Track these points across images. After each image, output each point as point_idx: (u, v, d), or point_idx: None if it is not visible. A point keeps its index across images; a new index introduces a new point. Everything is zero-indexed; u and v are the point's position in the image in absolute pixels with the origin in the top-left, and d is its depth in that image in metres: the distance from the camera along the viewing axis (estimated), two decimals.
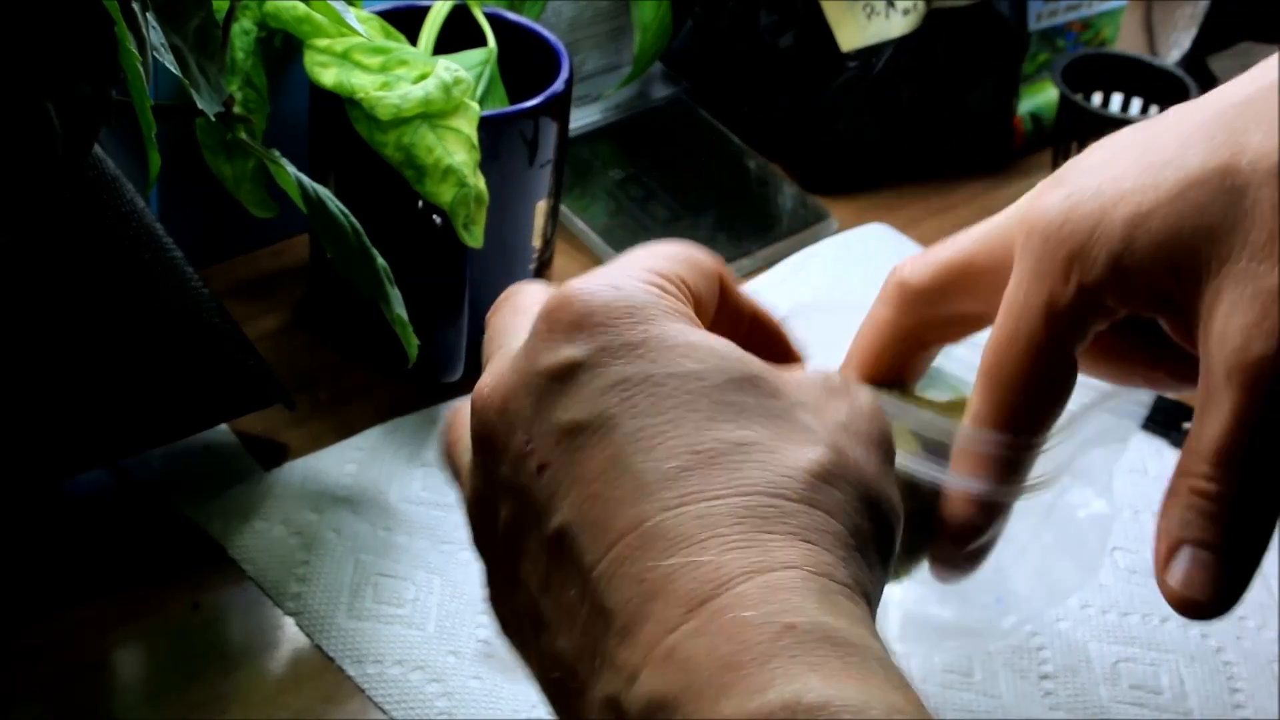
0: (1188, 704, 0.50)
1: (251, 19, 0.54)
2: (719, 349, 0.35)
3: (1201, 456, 0.37)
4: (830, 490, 0.34)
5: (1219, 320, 0.37)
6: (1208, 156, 0.38)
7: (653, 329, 0.35)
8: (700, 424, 0.33)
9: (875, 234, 0.70)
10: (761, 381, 0.35)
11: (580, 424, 0.34)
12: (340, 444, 0.55)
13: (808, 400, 0.35)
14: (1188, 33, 0.86)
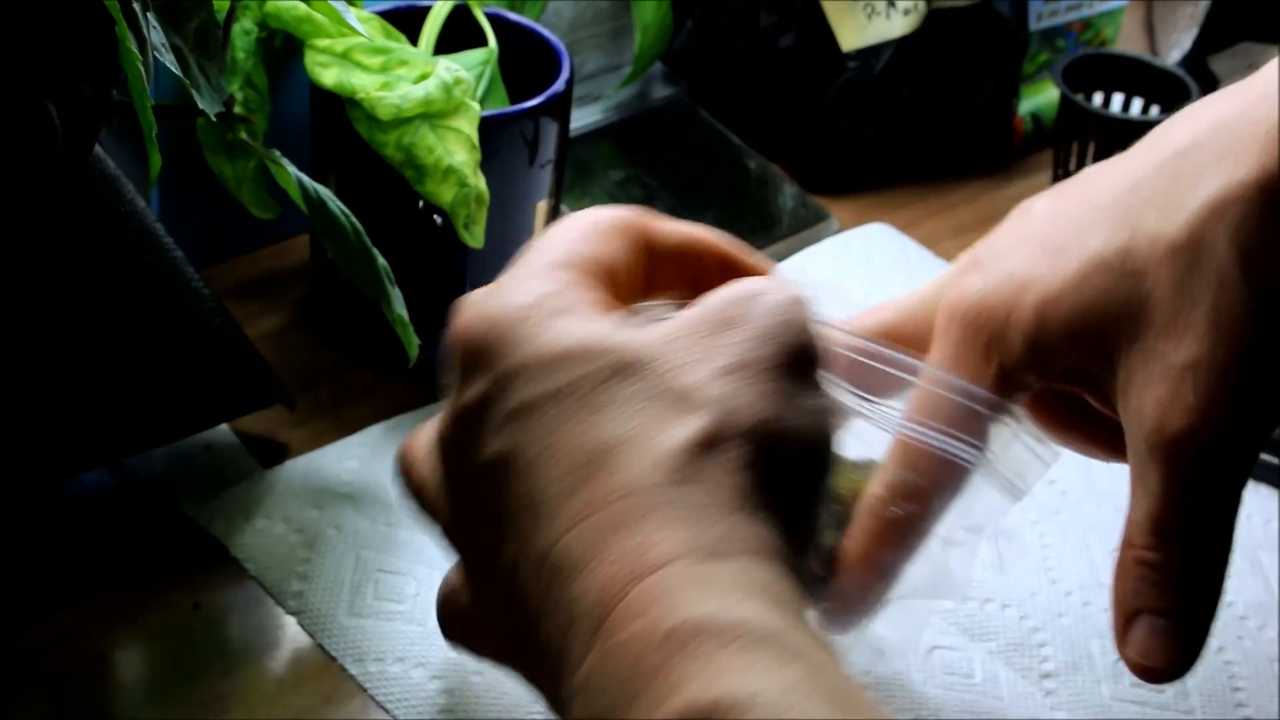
0: (1189, 703, 0.50)
1: (252, 19, 0.54)
2: (592, 347, 0.35)
3: (1140, 529, 0.39)
4: (713, 456, 0.34)
5: (1134, 398, 0.39)
6: (1108, 239, 0.39)
7: (531, 348, 0.35)
8: (582, 434, 0.34)
9: (876, 234, 0.70)
10: (634, 366, 0.35)
11: (493, 462, 0.35)
12: (341, 441, 0.55)
13: (688, 357, 0.35)
14: (1189, 33, 0.86)
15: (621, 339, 0.35)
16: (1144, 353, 0.38)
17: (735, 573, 0.32)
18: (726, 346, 0.35)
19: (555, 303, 0.36)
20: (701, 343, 0.35)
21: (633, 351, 0.35)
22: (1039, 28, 0.78)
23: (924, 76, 0.73)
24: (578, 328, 0.35)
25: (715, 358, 0.35)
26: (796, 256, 0.67)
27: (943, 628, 0.51)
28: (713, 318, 0.36)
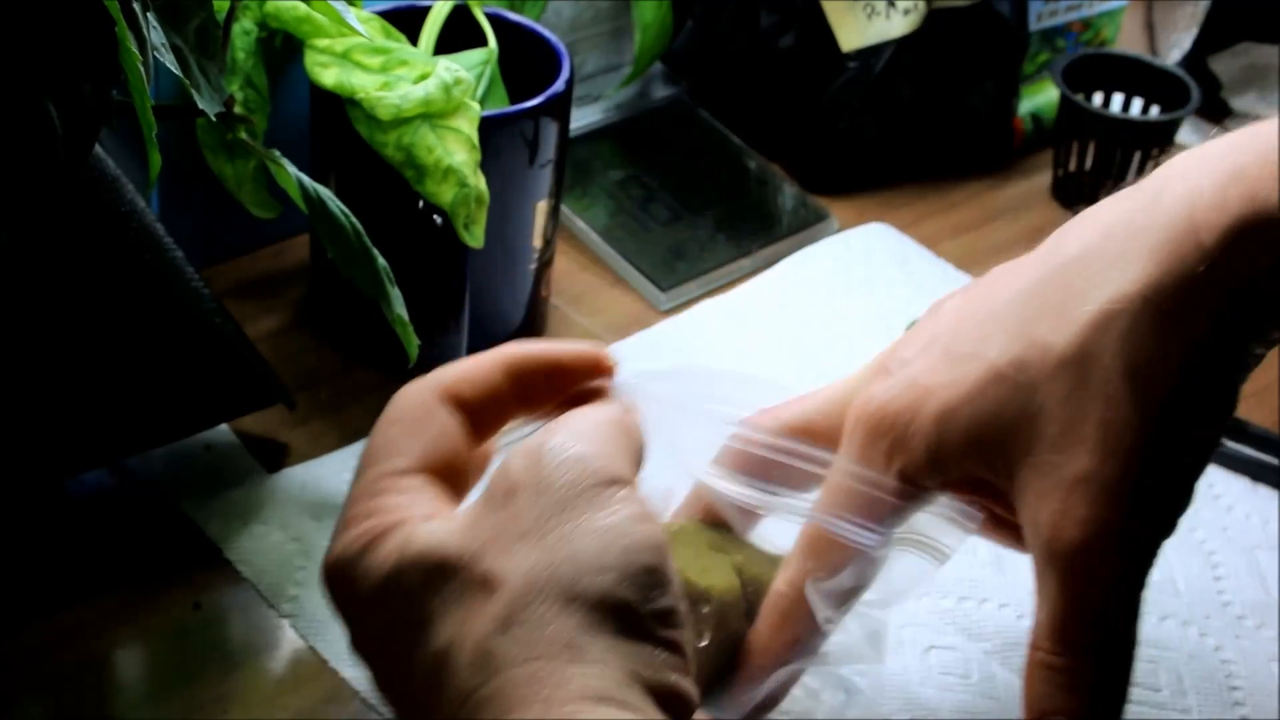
0: (1186, 701, 0.50)
1: (252, 19, 0.54)
2: (399, 565, 0.35)
3: (1043, 633, 0.40)
4: (513, 634, 0.34)
5: (1030, 509, 0.40)
6: (1003, 350, 0.40)
7: (356, 591, 0.36)
8: (420, 656, 0.34)
9: (875, 234, 0.70)
10: (442, 566, 0.35)
11: (380, 687, 0.36)
12: (341, 450, 0.55)
13: (482, 539, 0.35)
14: (1189, 33, 0.86)
15: (422, 544, 0.35)
16: (1037, 465, 0.39)
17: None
18: (512, 517, 0.35)
19: (367, 535, 0.36)
20: (491, 521, 0.36)
21: (438, 553, 0.35)
22: (1039, 27, 0.78)
23: (924, 76, 0.73)
24: (393, 553, 0.36)
25: (506, 532, 0.35)
26: (796, 256, 0.67)
27: (939, 627, 0.51)
28: (494, 496, 0.36)
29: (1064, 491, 0.39)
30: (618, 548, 0.35)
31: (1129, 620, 0.40)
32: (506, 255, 0.58)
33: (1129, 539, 0.39)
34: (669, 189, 0.70)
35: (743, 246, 0.68)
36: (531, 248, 0.59)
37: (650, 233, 0.68)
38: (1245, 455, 0.59)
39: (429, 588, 0.35)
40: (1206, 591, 0.54)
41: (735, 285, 0.66)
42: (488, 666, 0.33)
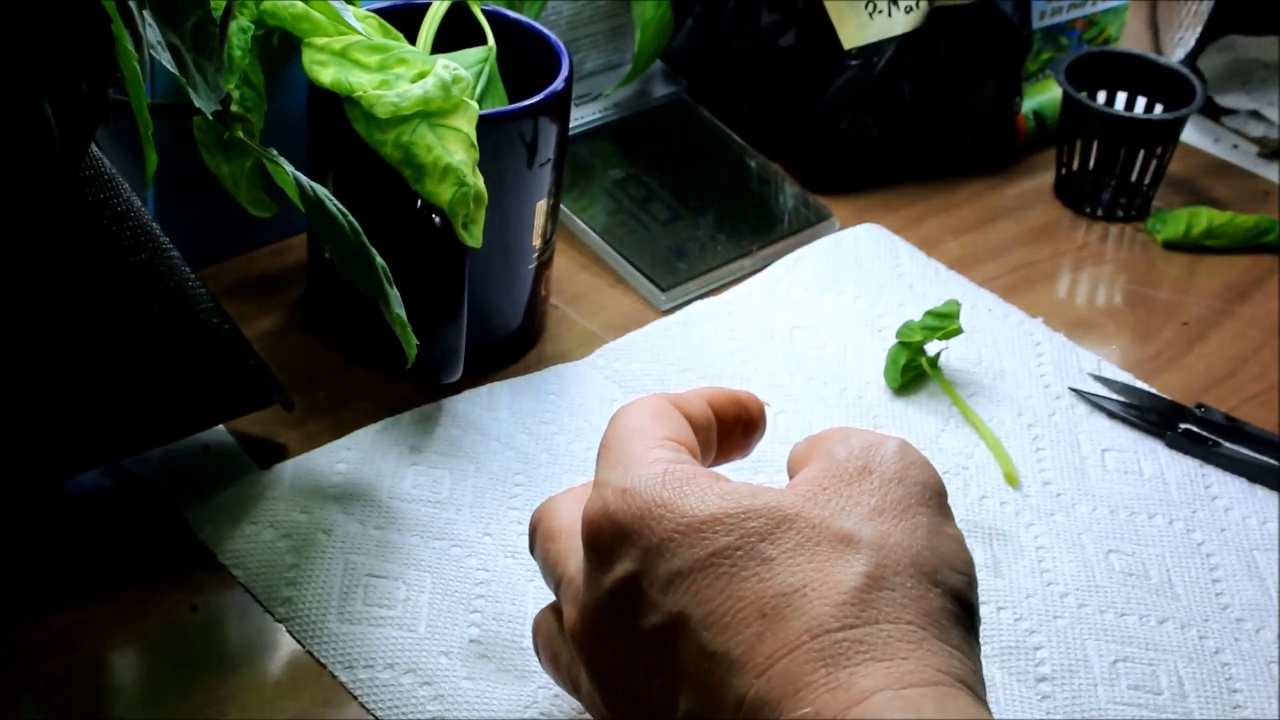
0: (1187, 704, 0.50)
1: (249, 17, 0.54)
2: (735, 508, 0.38)
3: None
4: (883, 595, 0.36)
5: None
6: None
7: (675, 518, 0.38)
8: (755, 588, 0.37)
9: (867, 234, 0.69)
10: (788, 520, 0.38)
11: (662, 626, 0.38)
12: (331, 444, 0.55)
13: (835, 507, 0.38)
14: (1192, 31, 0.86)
15: (763, 499, 0.38)
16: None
17: (936, 701, 0.35)
18: (866, 493, 0.39)
19: (678, 474, 0.39)
20: (842, 493, 0.39)
21: (781, 508, 0.38)
22: (1041, 25, 0.78)
23: (926, 75, 0.73)
24: (714, 493, 0.38)
25: (860, 504, 0.38)
26: (789, 257, 0.67)
27: None
28: (845, 471, 0.39)
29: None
30: (965, 558, 0.38)
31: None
32: (505, 255, 0.58)
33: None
34: (669, 188, 0.70)
35: (743, 246, 0.68)
36: (531, 247, 0.59)
37: (650, 232, 0.68)
38: (1243, 456, 0.59)
39: (773, 535, 0.37)
40: (1205, 594, 0.54)
41: (735, 285, 0.66)
42: (858, 615, 0.36)
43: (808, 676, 0.35)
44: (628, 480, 0.39)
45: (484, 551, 0.52)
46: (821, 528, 0.37)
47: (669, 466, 0.39)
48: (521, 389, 0.59)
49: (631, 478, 0.39)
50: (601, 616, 0.40)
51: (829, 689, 0.35)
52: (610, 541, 0.39)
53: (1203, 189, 0.77)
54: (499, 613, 0.50)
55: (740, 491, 0.39)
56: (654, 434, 0.41)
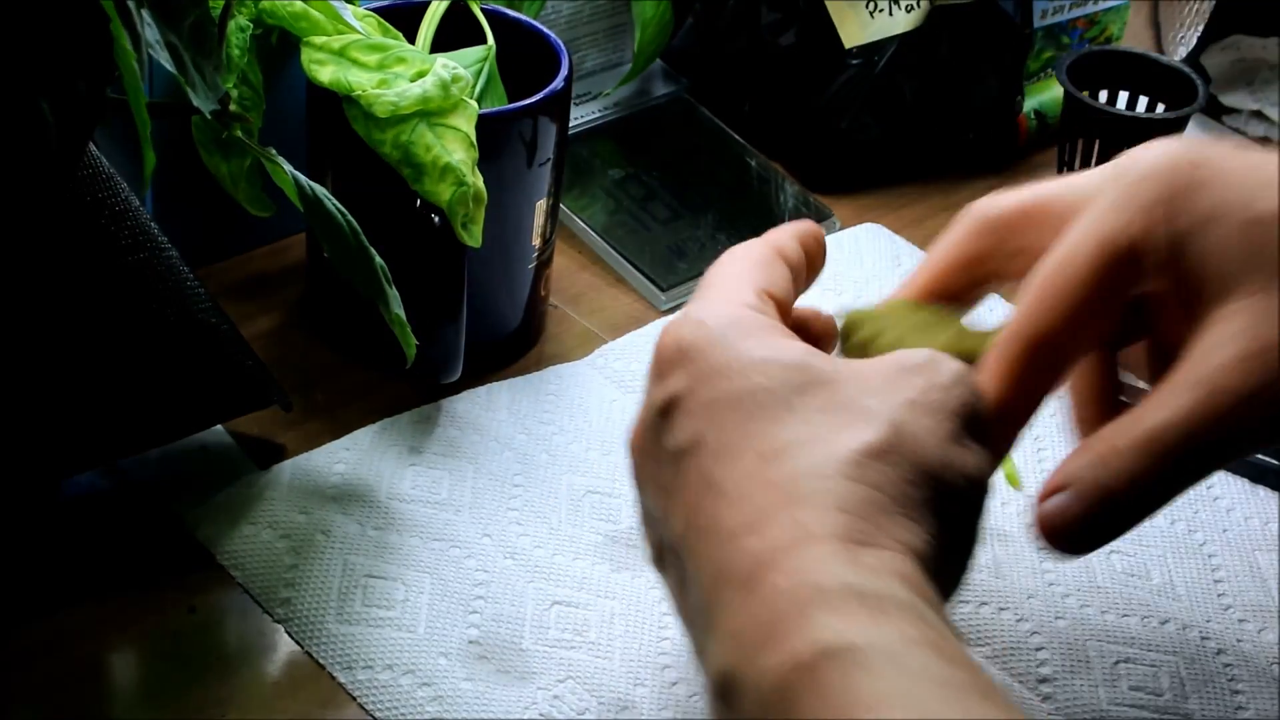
0: (1188, 705, 0.50)
1: (248, 16, 0.54)
2: (785, 359, 0.40)
3: (1130, 432, 0.41)
4: (879, 466, 0.38)
5: (1216, 334, 0.41)
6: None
7: (730, 353, 0.40)
8: (768, 429, 0.39)
9: (868, 234, 0.69)
10: (822, 382, 0.39)
11: (682, 447, 0.40)
12: (330, 444, 0.55)
13: (872, 385, 0.40)
14: (1194, 30, 0.86)
15: (815, 361, 0.40)
16: (1257, 309, 0.40)
17: (881, 559, 0.36)
18: (913, 385, 0.40)
19: (751, 321, 0.41)
20: (891, 378, 0.40)
21: (826, 372, 0.40)
22: (1043, 24, 0.77)
23: (927, 74, 0.73)
24: (774, 343, 0.40)
25: (901, 391, 0.40)
26: None
27: None
28: (906, 363, 0.41)
29: (1259, 344, 0.40)
30: (975, 470, 0.39)
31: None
32: (505, 254, 0.58)
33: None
34: (669, 187, 0.70)
35: None
36: (530, 247, 0.59)
37: (650, 232, 0.68)
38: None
39: (807, 389, 0.39)
40: (1207, 595, 0.54)
41: None
42: (841, 469, 0.37)
43: (776, 513, 0.37)
44: (705, 312, 0.41)
45: (483, 552, 0.52)
46: (852, 399, 0.39)
47: (747, 312, 0.41)
48: (521, 389, 0.59)
49: (710, 310, 0.41)
50: (645, 429, 0.42)
51: (786, 526, 0.37)
52: (670, 359, 0.41)
53: None
54: (498, 614, 0.50)
55: (797, 349, 0.40)
56: (750, 281, 0.43)
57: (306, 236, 0.61)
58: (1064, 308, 0.42)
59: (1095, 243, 0.42)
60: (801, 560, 0.36)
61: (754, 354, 0.40)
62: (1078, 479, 0.41)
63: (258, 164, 0.54)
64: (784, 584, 0.35)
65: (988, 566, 0.54)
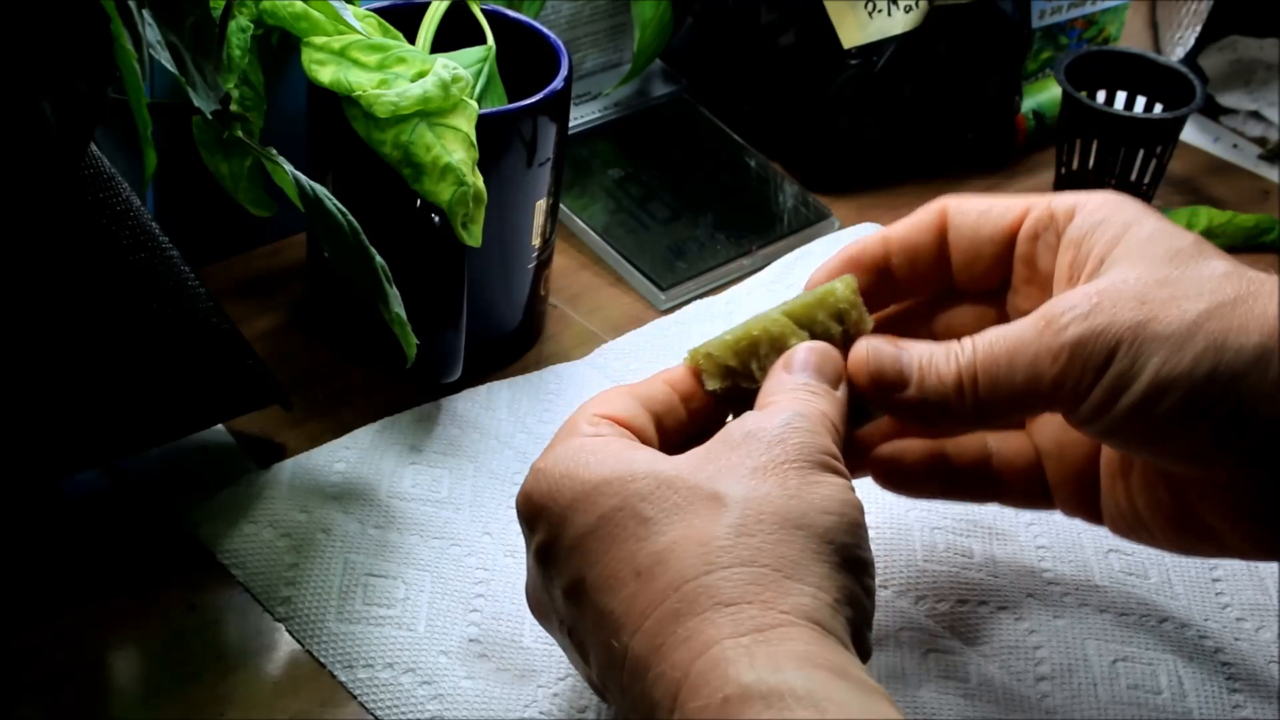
0: (1187, 704, 0.50)
1: (249, 16, 0.54)
2: (624, 473, 0.41)
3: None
4: (744, 542, 0.39)
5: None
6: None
7: (573, 487, 0.41)
8: (634, 548, 0.40)
9: (867, 234, 0.69)
10: (664, 482, 0.40)
11: (568, 589, 0.41)
12: (330, 443, 0.55)
13: (710, 468, 0.41)
14: (1192, 30, 0.86)
15: (650, 465, 0.41)
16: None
17: (773, 649, 0.37)
18: (747, 455, 0.41)
19: (583, 446, 0.42)
20: (723, 456, 0.41)
21: (663, 473, 0.41)
22: (1041, 25, 0.78)
23: (926, 74, 0.73)
24: (608, 461, 0.41)
25: (737, 465, 0.41)
26: (788, 256, 0.67)
27: (936, 631, 0.51)
28: (731, 438, 0.42)
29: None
30: (838, 500, 0.40)
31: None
32: (505, 254, 0.58)
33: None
34: (668, 187, 0.70)
35: (743, 245, 0.68)
36: (530, 247, 0.59)
37: (649, 231, 0.68)
38: None
39: (656, 496, 0.40)
40: (1205, 594, 0.54)
41: (734, 285, 0.66)
42: (713, 561, 0.38)
43: (668, 629, 0.38)
44: (544, 460, 0.43)
45: (483, 550, 0.52)
46: (697, 489, 0.40)
47: (580, 441, 0.42)
48: (521, 388, 0.59)
49: (548, 457, 0.43)
50: (534, 585, 0.43)
51: (682, 640, 0.37)
52: (529, 517, 0.42)
53: (1203, 188, 0.77)
54: (498, 612, 0.50)
55: (635, 457, 0.41)
56: (582, 415, 0.44)
57: (306, 236, 0.61)
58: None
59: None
60: (705, 677, 0.37)
61: (594, 480, 0.41)
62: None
63: (258, 164, 0.54)
64: (701, 704, 0.36)
65: (986, 566, 0.54)
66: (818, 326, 0.46)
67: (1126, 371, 0.41)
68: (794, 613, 0.38)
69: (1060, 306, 0.43)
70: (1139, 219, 0.44)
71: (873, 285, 0.48)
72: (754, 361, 0.45)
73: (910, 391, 0.44)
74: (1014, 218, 0.47)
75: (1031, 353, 0.42)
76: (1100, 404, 0.42)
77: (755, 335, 0.45)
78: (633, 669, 0.38)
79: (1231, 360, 0.41)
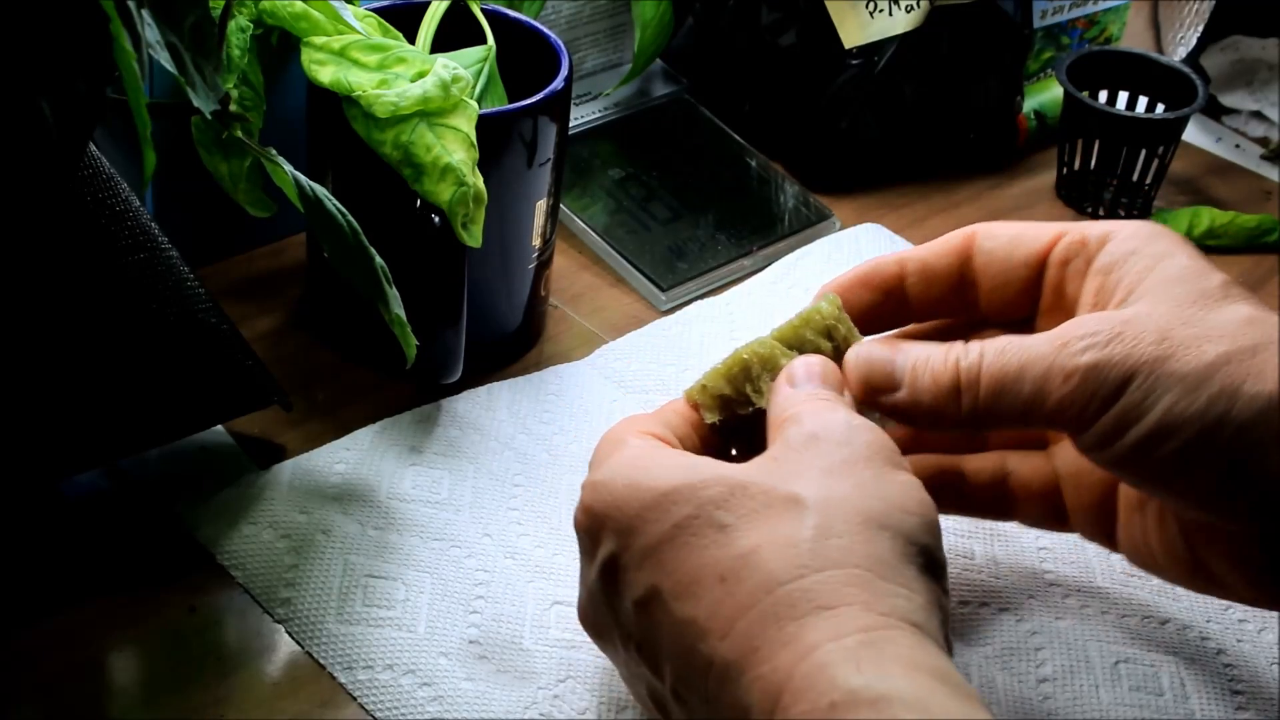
0: (1189, 705, 0.50)
1: (248, 16, 0.54)
2: (693, 480, 0.40)
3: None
4: (831, 543, 0.38)
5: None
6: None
7: (640, 496, 0.40)
8: (715, 554, 0.39)
9: (868, 234, 0.69)
10: (737, 486, 0.40)
11: (641, 600, 0.40)
12: (330, 444, 0.55)
13: (782, 471, 0.40)
14: (1194, 30, 0.86)
15: (717, 470, 0.41)
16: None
17: (878, 647, 0.36)
18: (815, 456, 0.40)
19: (641, 453, 0.42)
20: (792, 460, 0.41)
21: (734, 478, 0.40)
22: (1043, 24, 0.77)
23: (927, 74, 0.73)
24: (672, 469, 0.41)
25: (809, 467, 0.40)
26: (790, 256, 0.67)
27: None
28: (795, 442, 0.41)
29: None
30: (915, 499, 0.40)
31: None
32: (505, 255, 0.58)
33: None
34: (669, 188, 0.70)
35: (743, 246, 0.68)
36: (530, 247, 0.59)
37: (650, 232, 0.68)
38: None
39: (731, 501, 0.39)
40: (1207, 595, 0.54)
41: (735, 285, 0.66)
42: (805, 564, 0.38)
43: (764, 633, 0.37)
44: (599, 474, 0.42)
45: (483, 552, 0.52)
46: (772, 492, 0.39)
47: (634, 450, 0.42)
48: (521, 389, 0.59)
49: (602, 470, 0.42)
50: (594, 602, 0.42)
51: (782, 644, 0.37)
52: (591, 531, 0.42)
53: (1204, 189, 0.77)
54: (498, 614, 0.50)
55: (699, 463, 0.41)
56: (625, 430, 0.44)
57: (306, 236, 0.61)
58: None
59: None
60: (810, 679, 0.36)
61: (663, 485, 0.40)
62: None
63: (258, 164, 0.54)
64: (805, 710, 0.36)
65: (988, 567, 0.54)
66: (807, 345, 0.46)
67: (1137, 405, 0.41)
68: (893, 615, 0.37)
69: (1080, 329, 0.42)
70: (1171, 253, 0.44)
71: (881, 305, 0.48)
72: (748, 385, 0.45)
73: (901, 394, 0.44)
74: (1046, 242, 0.47)
75: (1043, 368, 0.42)
76: (1106, 434, 0.42)
77: (745, 359, 0.45)
78: (721, 674, 0.38)
79: (1243, 408, 0.40)
